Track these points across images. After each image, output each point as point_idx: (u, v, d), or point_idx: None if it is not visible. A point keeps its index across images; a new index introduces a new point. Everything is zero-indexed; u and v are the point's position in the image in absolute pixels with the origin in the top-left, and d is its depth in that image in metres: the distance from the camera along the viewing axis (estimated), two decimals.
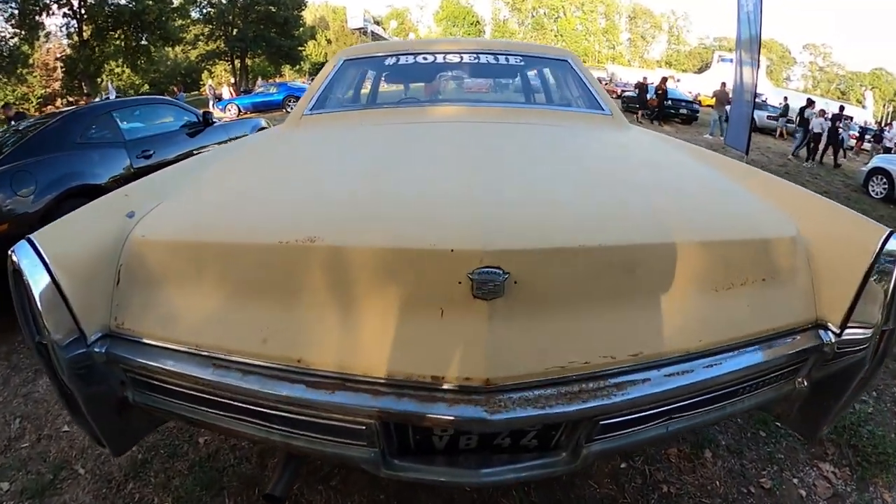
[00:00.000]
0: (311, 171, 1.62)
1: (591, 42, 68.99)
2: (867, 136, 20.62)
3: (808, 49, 69.38)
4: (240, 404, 1.09)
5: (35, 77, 28.48)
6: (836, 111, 14.73)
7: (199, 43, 32.65)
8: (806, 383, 1.26)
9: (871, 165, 9.85)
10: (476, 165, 1.45)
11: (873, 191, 9.45)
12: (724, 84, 15.02)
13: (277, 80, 32.12)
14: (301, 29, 35.98)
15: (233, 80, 28.24)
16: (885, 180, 9.20)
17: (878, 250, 1.13)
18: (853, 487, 1.93)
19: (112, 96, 18.67)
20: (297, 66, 42.26)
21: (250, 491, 1.79)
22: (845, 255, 1.19)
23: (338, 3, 65.56)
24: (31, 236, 1.10)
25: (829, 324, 1.18)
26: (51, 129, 3.76)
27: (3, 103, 14.01)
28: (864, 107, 42.55)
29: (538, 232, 1.05)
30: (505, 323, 1.00)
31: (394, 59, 2.71)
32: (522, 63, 2.84)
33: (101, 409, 1.19)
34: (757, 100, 11.53)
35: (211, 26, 32.08)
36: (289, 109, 18.67)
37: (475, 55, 2.71)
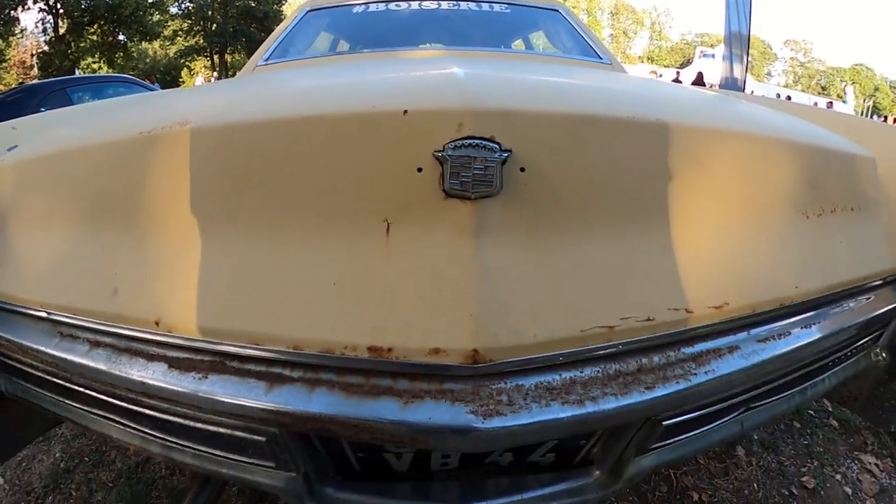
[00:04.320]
0: (232, 91, 1.25)
1: None
2: None
3: (790, 45, 70.13)
4: (98, 396, 0.75)
5: (11, 74, 27.67)
6: (826, 107, 14.99)
7: (178, 38, 32.06)
8: (885, 355, 1.00)
9: None
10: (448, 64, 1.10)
11: None
12: (700, 74, 15.03)
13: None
14: (281, 24, 35.54)
15: (214, 75, 27.62)
16: None
17: None
18: None
19: None
20: None
21: None
22: None
23: None
24: None
25: None
26: (5, 101, 3.55)
27: None
28: (844, 101, 43.09)
29: (553, 94, 0.71)
30: (506, 245, 0.59)
31: (363, 8, 2.41)
32: (508, 11, 2.54)
33: None
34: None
35: (190, 21, 31.44)
36: None
37: (455, 3, 2.44)
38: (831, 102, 16.15)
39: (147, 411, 0.71)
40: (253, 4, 32.03)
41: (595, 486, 0.75)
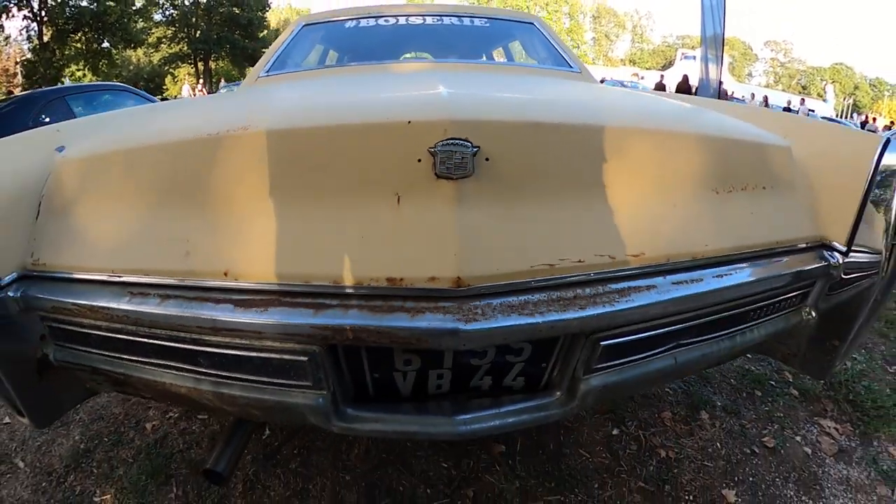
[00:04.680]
0: (263, 100, 1.47)
1: None
2: None
3: (770, 45, 71.51)
4: (162, 343, 0.90)
5: None
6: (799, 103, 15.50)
7: (162, 45, 31.81)
8: (814, 314, 1.16)
9: None
10: (436, 81, 1.30)
11: None
12: (685, 77, 15.38)
13: (231, 83, 31.68)
14: (266, 31, 35.42)
15: (201, 82, 27.52)
16: None
17: (875, 160, 1.03)
18: (857, 442, 1.81)
19: None
20: None
21: (200, 478, 1.62)
22: (843, 170, 1.10)
23: (302, 5, 64.91)
24: None
25: (835, 243, 1.08)
26: (4, 111, 3.56)
27: None
28: (825, 100, 43.98)
29: (512, 107, 0.93)
30: (478, 208, 0.82)
31: (355, 23, 2.57)
32: (488, 25, 2.73)
33: (20, 370, 1.02)
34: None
35: (174, 28, 31.29)
36: None
37: (439, 18, 2.60)
38: (803, 99, 16.86)
39: (205, 349, 0.88)
40: (237, 11, 31.94)
41: (557, 403, 0.95)
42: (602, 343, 0.86)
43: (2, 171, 1.03)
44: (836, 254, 1.07)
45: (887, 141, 1.04)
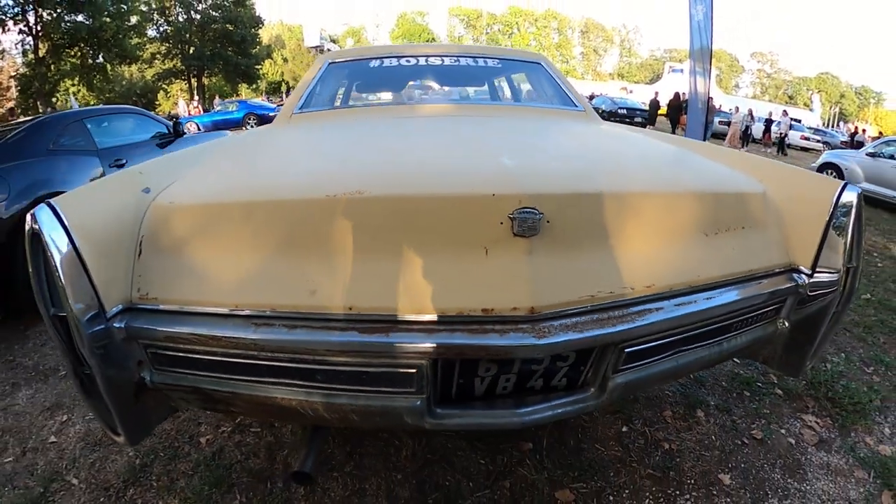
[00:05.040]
0: (330, 146, 1.69)
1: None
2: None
3: (756, 57, 72.84)
4: (280, 364, 1.09)
5: None
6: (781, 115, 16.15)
7: (156, 61, 31.89)
8: (787, 324, 1.41)
9: (821, 161, 10.40)
10: (486, 141, 1.57)
11: None
12: (677, 94, 15.84)
13: (235, 98, 31.68)
14: (258, 47, 35.68)
15: (196, 98, 27.60)
16: (834, 174, 9.74)
17: (835, 200, 1.30)
18: (836, 434, 2.06)
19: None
20: (255, 85, 41.78)
21: (262, 485, 1.77)
22: (808, 208, 1.36)
23: (293, 21, 65.40)
24: (51, 201, 1.08)
25: (802, 267, 1.34)
26: (21, 135, 3.58)
27: None
28: (811, 110, 44.76)
29: (566, 179, 1.17)
30: (542, 257, 1.07)
31: (378, 62, 2.77)
32: (500, 66, 2.96)
33: (121, 392, 1.15)
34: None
35: (168, 44, 31.44)
36: (248, 127, 18.23)
37: (455, 58, 2.81)
38: (786, 111, 17.60)
39: (323, 367, 1.07)
40: (230, 28, 32.11)
41: (591, 397, 1.20)
42: (626, 350, 1.11)
43: (99, 212, 1.14)
44: (803, 275, 1.33)
45: (845, 184, 1.31)
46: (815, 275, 1.32)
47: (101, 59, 24.21)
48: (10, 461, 1.96)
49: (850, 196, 1.30)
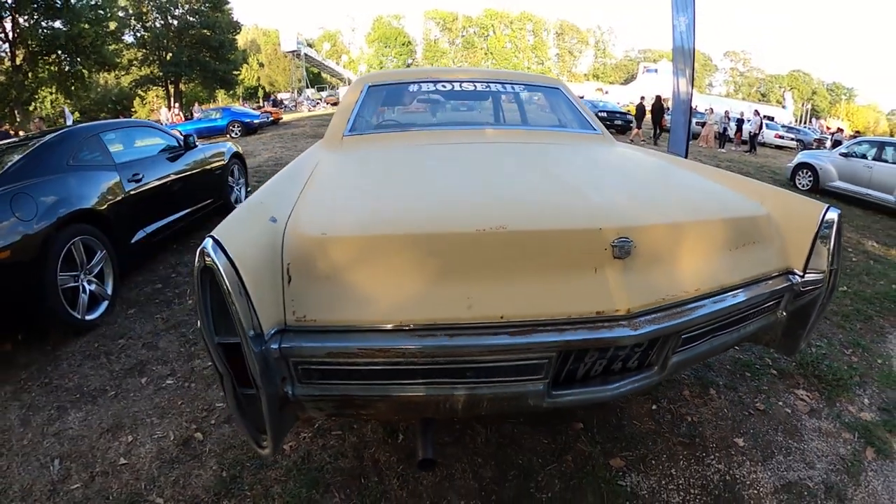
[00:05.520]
0: (414, 173, 2.00)
1: (520, 59, 71.37)
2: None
3: (729, 56, 74.51)
4: (435, 366, 1.31)
5: None
6: (753, 114, 16.92)
7: (133, 68, 31.42)
8: (784, 314, 1.79)
9: (796, 161, 10.86)
10: (557, 173, 1.93)
11: (799, 183, 10.39)
12: (658, 97, 16.40)
13: (212, 105, 31.27)
14: (235, 53, 35.40)
15: (176, 105, 27.22)
16: (809, 174, 10.25)
17: (820, 219, 1.70)
18: (824, 404, 2.49)
19: (69, 122, 17.24)
20: (232, 91, 41.45)
21: (356, 482, 1.92)
22: (800, 224, 1.74)
23: (269, 26, 64.96)
24: (215, 235, 1.20)
25: (796, 270, 1.73)
26: (40, 150, 3.45)
27: None
28: (784, 107, 45.71)
29: (643, 214, 1.51)
30: (632, 272, 1.40)
31: (416, 87, 3.02)
32: (525, 91, 3.26)
33: (274, 408, 1.28)
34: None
35: (145, 51, 31.10)
36: (233, 135, 18.12)
37: (485, 84, 3.10)
38: (757, 111, 18.56)
39: (474, 365, 1.31)
40: (208, 34, 31.82)
41: (655, 374, 1.54)
42: (682, 336, 1.47)
43: (246, 243, 1.25)
44: (797, 276, 1.71)
45: (828, 207, 1.72)
46: (806, 275, 1.71)
47: (79, 67, 23.63)
48: (79, 487, 1.95)
49: (832, 215, 1.70)
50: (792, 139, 22.15)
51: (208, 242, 1.17)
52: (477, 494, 1.89)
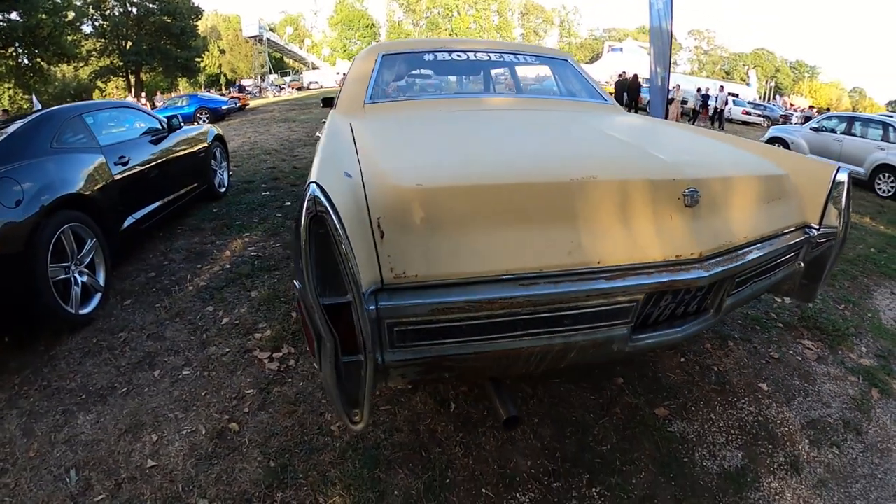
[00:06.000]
0: (486, 137, 2.00)
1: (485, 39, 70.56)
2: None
3: (693, 35, 74.79)
4: (535, 316, 1.33)
5: None
6: (718, 90, 17.47)
7: (92, 59, 30.19)
8: (802, 264, 2.02)
9: (768, 135, 11.32)
10: (625, 136, 2.09)
11: None
12: (636, 76, 16.76)
13: (174, 94, 30.29)
14: (197, 39, 34.33)
15: (143, 94, 26.34)
16: (781, 147, 10.69)
17: (832, 178, 1.92)
18: (828, 353, 2.78)
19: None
20: (194, 79, 40.30)
21: (417, 455, 1.91)
22: (815, 184, 1.96)
23: (229, 11, 62.98)
24: (317, 181, 1.11)
25: (812, 224, 1.96)
26: (21, 132, 3.18)
27: None
28: (748, 84, 46.55)
29: (702, 168, 1.68)
30: (700, 220, 1.55)
31: (431, 56, 3.00)
32: (536, 62, 3.30)
33: (375, 376, 1.23)
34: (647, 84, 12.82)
35: (104, 40, 29.88)
36: (200, 122, 17.10)
37: (499, 54, 3.18)
38: (722, 87, 19.24)
39: (572, 311, 1.36)
40: (169, 20, 30.79)
41: (711, 316, 1.72)
42: (735, 279, 1.65)
43: (338, 196, 1.13)
44: (814, 230, 1.93)
45: (839, 167, 1.94)
46: (822, 228, 1.93)
47: (38, 59, 22.56)
48: (104, 498, 1.74)
49: (842, 176, 1.93)
50: (759, 115, 23.01)
51: (315, 188, 1.09)
52: (541, 453, 1.97)
